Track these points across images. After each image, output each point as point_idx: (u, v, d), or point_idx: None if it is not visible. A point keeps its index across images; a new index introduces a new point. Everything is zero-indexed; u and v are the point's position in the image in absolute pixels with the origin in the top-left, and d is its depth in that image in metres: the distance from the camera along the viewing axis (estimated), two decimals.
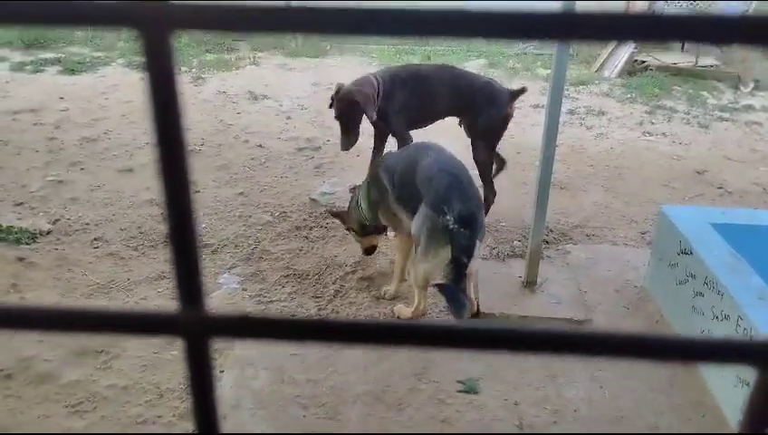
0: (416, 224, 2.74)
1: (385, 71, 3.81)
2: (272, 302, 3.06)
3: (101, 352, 2.67)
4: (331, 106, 3.61)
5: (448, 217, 2.58)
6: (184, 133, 0.28)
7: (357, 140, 3.60)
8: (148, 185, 4.22)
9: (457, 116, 3.70)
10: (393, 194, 2.94)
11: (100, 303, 2.99)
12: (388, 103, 3.56)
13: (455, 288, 2.63)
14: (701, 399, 2.47)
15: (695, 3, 7.19)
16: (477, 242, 2.69)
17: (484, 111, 3.54)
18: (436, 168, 2.76)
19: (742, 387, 2.24)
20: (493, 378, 2.60)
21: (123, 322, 0.30)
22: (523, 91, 3.68)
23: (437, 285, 2.69)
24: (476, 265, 2.82)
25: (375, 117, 3.50)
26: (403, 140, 3.68)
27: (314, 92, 6.34)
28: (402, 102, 3.61)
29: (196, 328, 0.28)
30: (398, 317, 2.95)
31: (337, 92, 3.55)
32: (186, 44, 7.66)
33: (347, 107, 3.48)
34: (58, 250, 3.42)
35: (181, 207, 0.28)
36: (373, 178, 3.10)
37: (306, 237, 3.65)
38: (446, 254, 2.61)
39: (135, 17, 0.25)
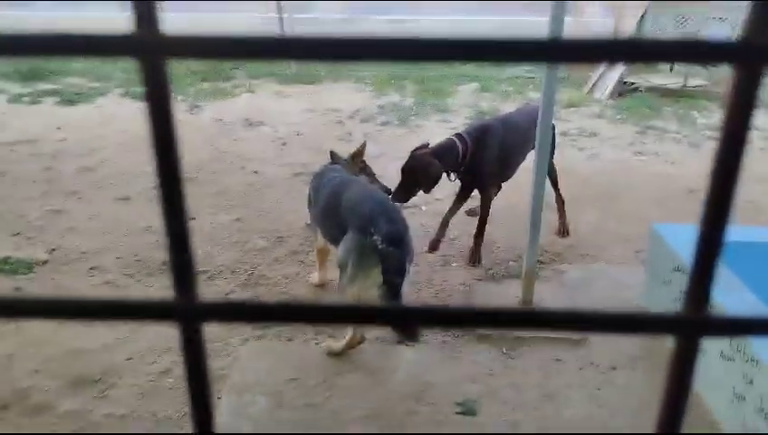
0: (342, 249, 2.71)
1: (474, 126, 3.79)
2: (268, 327, 3.07)
3: (98, 380, 2.67)
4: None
5: (376, 238, 2.55)
6: (177, 134, 0.31)
7: (410, 199, 3.58)
8: (144, 213, 4.24)
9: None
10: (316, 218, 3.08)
11: (97, 331, 2.99)
12: (479, 159, 3.54)
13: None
14: (700, 415, 2.47)
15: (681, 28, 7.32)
16: (407, 264, 2.67)
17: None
18: (359, 196, 2.81)
19: (739, 402, 2.24)
20: (491, 399, 2.60)
21: (123, 309, 0.32)
22: None
23: None
24: (407, 289, 2.75)
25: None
26: (488, 198, 3.68)
27: (309, 118, 6.41)
28: (495, 155, 3.60)
29: (189, 313, 0.31)
30: (328, 353, 2.86)
31: (417, 149, 3.56)
32: (182, 74, 7.75)
33: (412, 171, 3.48)
34: (55, 280, 3.43)
35: (175, 204, 0.30)
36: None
37: (302, 262, 3.67)
38: (376, 275, 2.56)
39: (133, 46, 0.28)
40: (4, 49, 0.30)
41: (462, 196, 3.77)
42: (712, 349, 2.44)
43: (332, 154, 3.42)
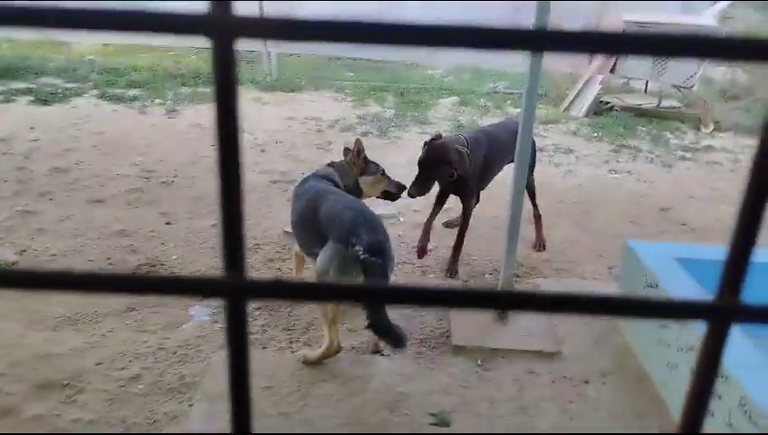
0: (322, 259, 2.66)
1: (464, 135, 3.81)
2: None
3: (66, 385, 2.61)
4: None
5: (357, 248, 2.54)
6: (240, 122, 0.33)
7: (427, 192, 3.57)
8: (118, 216, 4.18)
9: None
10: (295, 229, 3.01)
11: (67, 335, 2.93)
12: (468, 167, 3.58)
13: (385, 322, 2.54)
14: (668, 429, 2.51)
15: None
16: (389, 273, 2.65)
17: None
18: (338, 207, 2.76)
19: (708, 416, 2.28)
20: (464, 411, 2.60)
21: (172, 284, 0.33)
22: None
23: (368, 326, 2.56)
24: None
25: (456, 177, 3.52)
26: (469, 207, 3.72)
27: (289, 126, 6.40)
28: (479, 165, 3.66)
29: (236, 290, 0.32)
30: (304, 362, 2.82)
31: (433, 139, 3.56)
32: (161, 78, 7.68)
33: (435, 157, 3.47)
34: None
35: (233, 185, 0.32)
36: None
37: (279, 269, 3.65)
38: None
39: (206, 25, 0.29)
40: (88, 24, 0.30)
41: (440, 202, 3.81)
42: (683, 365, 2.48)
43: (332, 162, 3.27)
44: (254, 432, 0.37)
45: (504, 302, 0.36)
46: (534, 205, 4.06)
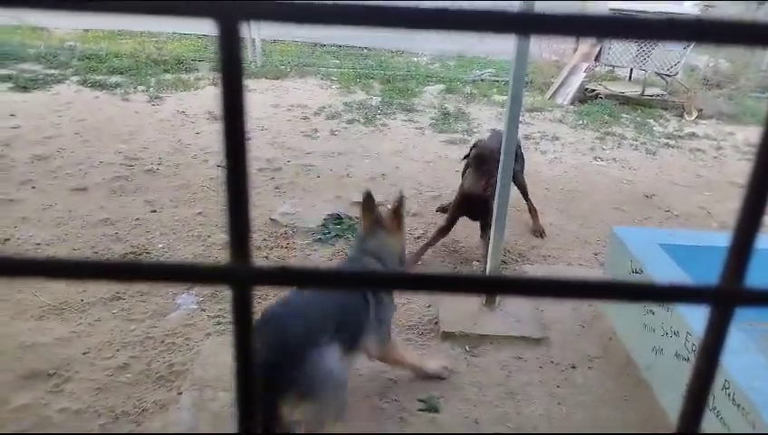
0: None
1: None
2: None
3: (53, 374, 2.58)
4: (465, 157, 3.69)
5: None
6: (246, 106, 0.32)
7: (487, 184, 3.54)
8: (102, 204, 4.14)
9: None
10: None
11: (53, 324, 2.90)
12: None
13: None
14: (653, 413, 2.55)
15: None
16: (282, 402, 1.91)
17: (518, 157, 3.89)
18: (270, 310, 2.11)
19: None
20: (453, 396, 2.62)
21: (180, 272, 0.32)
22: None
23: None
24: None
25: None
26: (488, 230, 3.47)
27: (274, 114, 6.35)
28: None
29: (243, 277, 0.31)
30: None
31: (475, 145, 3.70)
32: (144, 64, 7.58)
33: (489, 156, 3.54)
34: None
35: (238, 171, 0.31)
36: None
37: (266, 257, 3.63)
38: None
39: (213, 9, 0.28)
40: (95, 4, 0.29)
41: (447, 228, 3.78)
42: (668, 349, 2.52)
43: (369, 229, 2.48)
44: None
45: (507, 287, 0.36)
46: (527, 200, 4.15)
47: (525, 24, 0.31)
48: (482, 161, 3.58)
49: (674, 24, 0.30)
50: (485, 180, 3.54)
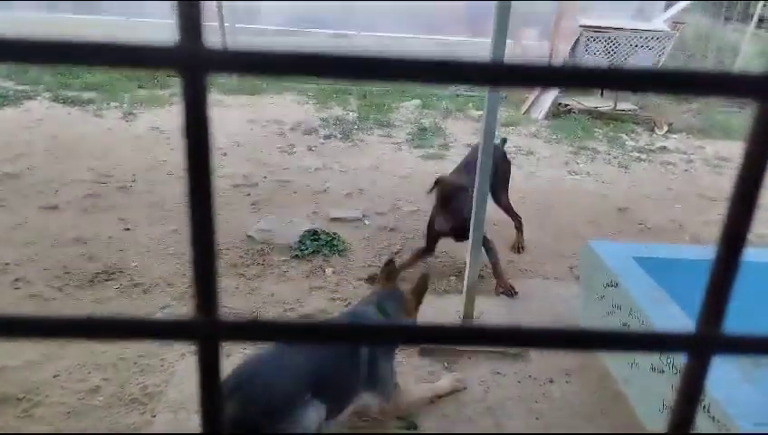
0: None
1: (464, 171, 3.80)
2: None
3: (22, 399, 2.51)
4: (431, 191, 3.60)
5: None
6: (211, 155, 0.31)
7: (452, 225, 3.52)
8: (74, 223, 4.06)
9: None
10: None
11: (22, 347, 2.82)
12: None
13: None
14: (630, 423, 2.57)
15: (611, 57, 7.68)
16: None
17: (500, 167, 3.94)
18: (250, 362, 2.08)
19: (666, 412, 2.35)
20: (431, 413, 2.61)
21: (140, 328, 0.31)
22: (505, 141, 4.43)
23: None
24: None
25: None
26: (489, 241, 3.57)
27: (251, 130, 6.32)
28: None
29: (209, 332, 0.30)
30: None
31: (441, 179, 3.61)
32: (117, 80, 7.50)
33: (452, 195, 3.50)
34: None
35: (204, 219, 0.30)
36: None
37: (243, 275, 3.59)
38: None
39: (177, 60, 0.27)
40: (50, 57, 0.28)
41: (428, 250, 3.79)
42: (644, 363, 2.54)
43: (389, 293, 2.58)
44: None
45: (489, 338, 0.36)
46: (513, 217, 4.19)
47: (500, 77, 0.31)
48: (446, 200, 3.52)
49: (641, 75, 0.30)
50: (452, 218, 3.50)
